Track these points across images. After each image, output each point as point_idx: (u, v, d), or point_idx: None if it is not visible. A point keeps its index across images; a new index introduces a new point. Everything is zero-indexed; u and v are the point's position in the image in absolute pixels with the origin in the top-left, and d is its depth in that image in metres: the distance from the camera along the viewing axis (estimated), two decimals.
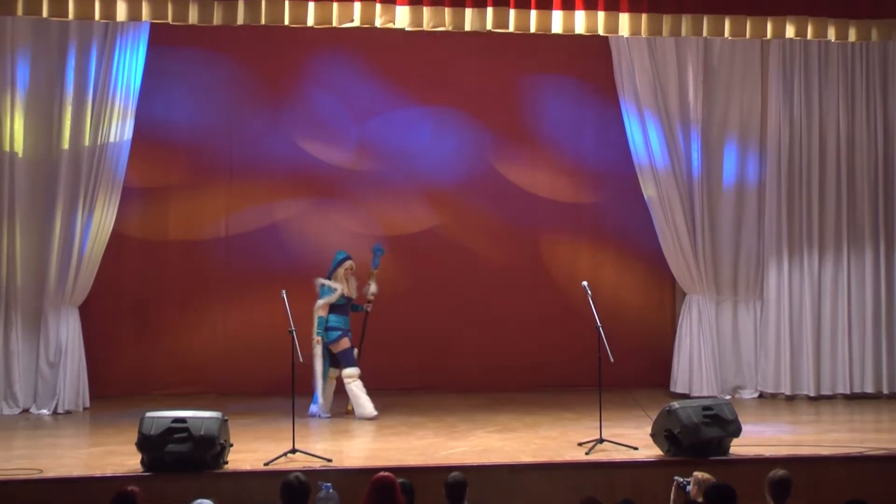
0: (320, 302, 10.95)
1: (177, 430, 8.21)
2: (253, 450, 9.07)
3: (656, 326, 13.32)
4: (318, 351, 10.85)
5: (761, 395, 12.50)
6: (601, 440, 9.18)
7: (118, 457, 8.85)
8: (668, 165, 12.32)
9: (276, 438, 9.46)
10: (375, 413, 10.78)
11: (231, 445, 8.62)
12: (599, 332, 9.40)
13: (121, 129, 11.46)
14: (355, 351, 11.07)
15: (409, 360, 12.73)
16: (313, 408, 10.90)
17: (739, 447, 8.98)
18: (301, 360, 8.93)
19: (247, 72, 12.71)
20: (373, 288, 11.28)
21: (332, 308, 10.95)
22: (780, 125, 12.40)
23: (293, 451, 8.77)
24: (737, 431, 8.90)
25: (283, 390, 9.89)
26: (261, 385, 12.23)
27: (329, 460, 8.61)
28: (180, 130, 12.55)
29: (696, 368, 12.32)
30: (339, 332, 10.94)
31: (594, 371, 9.55)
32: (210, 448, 8.25)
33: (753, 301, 12.65)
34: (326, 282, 11.02)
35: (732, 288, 12.67)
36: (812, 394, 12.29)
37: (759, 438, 9.61)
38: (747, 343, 12.63)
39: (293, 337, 9.04)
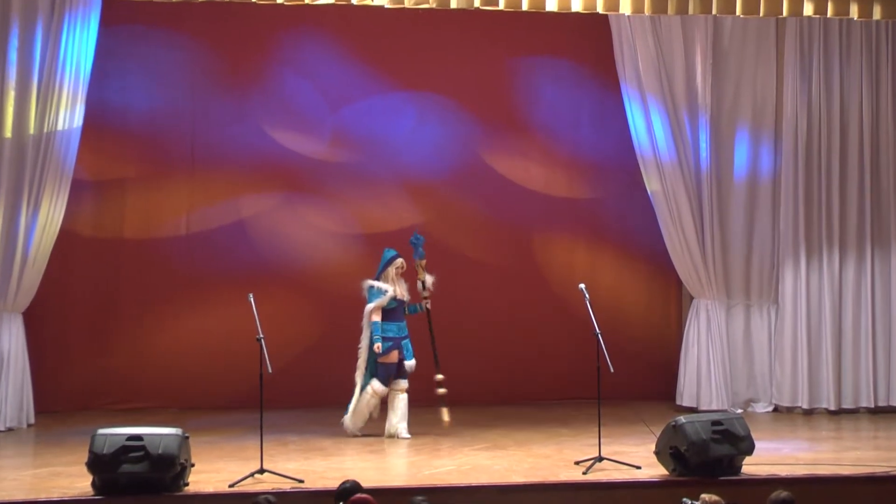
0: (370, 306, 10.78)
1: (132, 448, 8.15)
2: (216, 470, 9.02)
3: (661, 333, 13.34)
4: (361, 362, 10.78)
5: (776, 409, 12.51)
6: (600, 458, 9.16)
7: (66, 479, 8.78)
8: (673, 157, 12.32)
9: (242, 457, 9.42)
10: (409, 435, 10.70)
11: (192, 465, 8.56)
12: (598, 339, 9.38)
13: (70, 115, 11.39)
14: (412, 363, 10.80)
15: None
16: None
17: (752, 466, 8.97)
18: (270, 370, 8.88)
19: (210, 53, 12.69)
20: (428, 279, 10.99)
21: (383, 313, 10.76)
22: (796, 112, 12.41)
23: (261, 471, 8.73)
24: (749, 449, 8.89)
25: (251, 404, 9.85)
26: (226, 399, 12.22)
27: (300, 481, 8.58)
28: (136, 117, 12.52)
29: (704, 380, 12.32)
30: (390, 343, 10.75)
31: (592, 382, 9.53)
32: (169, 468, 8.19)
33: (768, 306, 12.66)
34: (376, 283, 10.84)
35: (744, 291, 12.67)
36: (832, 407, 12.30)
37: (774, 457, 9.60)
38: (761, 352, 12.63)
39: (262, 345, 8.99)
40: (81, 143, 11.58)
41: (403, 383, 10.81)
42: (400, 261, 10.89)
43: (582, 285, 9.89)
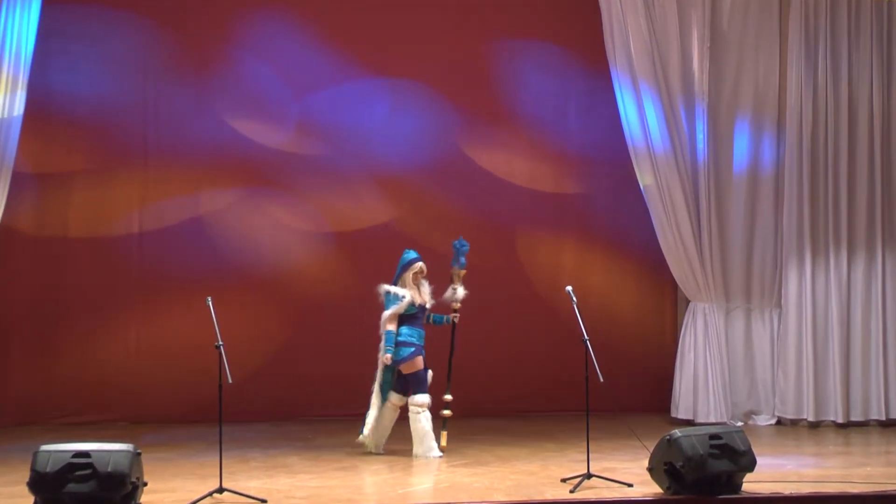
0: (387, 314, 10.62)
1: (78, 466, 8.08)
2: (171, 489, 8.96)
3: (654, 340, 13.38)
4: (379, 372, 10.69)
5: (779, 422, 12.55)
6: (589, 476, 9.15)
7: (6, 500, 8.72)
8: (668, 148, 12.33)
9: (200, 475, 9.38)
10: (440, 453, 10.66)
11: (145, 484, 8.50)
12: (587, 346, 9.36)
13: (9, 102, 11.28)
14: (430, 374, 10.64)
15: (355, 382, 12.66)
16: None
17: (753, 483, 8.96)
18: (230, 380, 8.83)
19: (165, 34, 12.66)
20: (459, 292, 10.87)
21: (402, 319, 10.63)
22: (801, 100, 12.44)
23: (220, 490, 8.68)
24: (750, 465, 8.89)
25: (209, 417, 9.78)
26: (182, 412, 12.20)
27: (263, 501, 8.54)
28: (84, 104, 12.48)
29: (701, 390, 12.33)
30: (413, 349, 10.58)
31: (580, 393, 9.50)
32: (119, 488, 8.13)
33: (770, 310, 12.69)
34: (392, 288, 10.68)
35: (745, 294, 12.70)
36: (840, 420, 12.34)
37: (778, 473, 9.61)
38: (763, 360, 12.66)
39: (221, 353, 8.94)
40: (23, 131, 11.47)
41: (423, 398, 10.59)
42: (419, 265, 10.71)
43: (569, 288, 9.87)
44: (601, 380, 9.30)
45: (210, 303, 9.23)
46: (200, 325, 9.97)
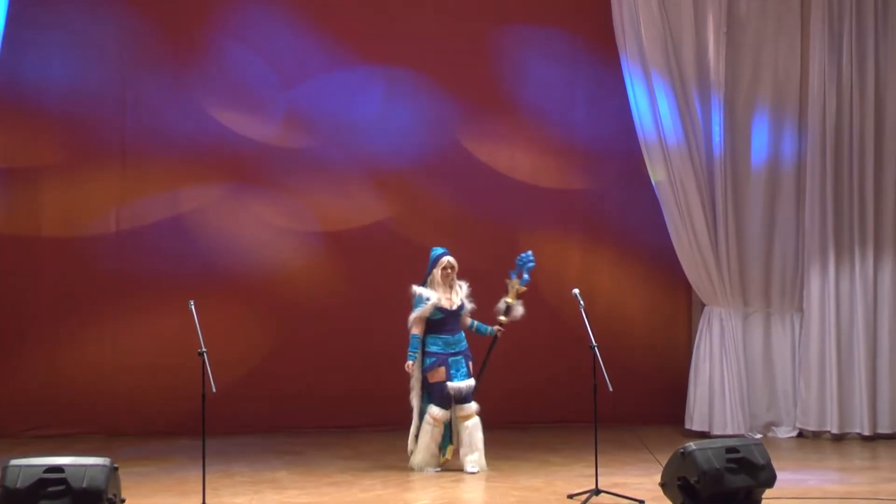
0: (412, 316, 10.56)
1: (51, 481, 8.07)
2: None
3: (667, 346, 13.39)
4: (415, 381, 10.58)
5: (801, 434, 12.56)
6: (597, 491, 9.16)
7: None
8: (681, 142, 12.34)
9: (181, 491, 9.38)
10: (438, 468, 10.59)
11: (122, 501, 8.50)
12: (595, 353, 9.37)
13: None
14: (457, 384, 10.45)
15: (348, 390, 12.70)
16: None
17: (773, 500, 8.97)
18: (214, 389, 8.82)
19: (144, 21, 12.66)
20: (517, 310, 10.81)
21: (429, 325, 10.55)
22: (824, 90, 12.45)
23: None
24: (770, 480, 8.88)
25: (191, 430, 9.80)
26: (162, 423, 12.21)
27: None
28: (56, 95, 12.47)
29: (717, 400, 12.35)
30: (434, 360, 10.51)
31: (588, 403, 9.50)
32: None
33: (791, 314, 12.71)
34: (420, 289, 10.61)
35: (764, 298, 12.72)
36: (866, 432, 12.36)
37: (799, 489, 9.62)
38: (783, 368, 12.68)
39: (204, 361, 8.93)
40: None
41: (467, 408, 10.55)
42: (446, 260, 10.62)
43: (576, 291, 9.89)
44: (610, 389, 9.30)
45: (192, 307, 9.22)
46: (182, 330, 9.98)
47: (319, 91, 12.97)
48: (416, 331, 10.49)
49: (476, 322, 10.79)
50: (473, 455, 10.48)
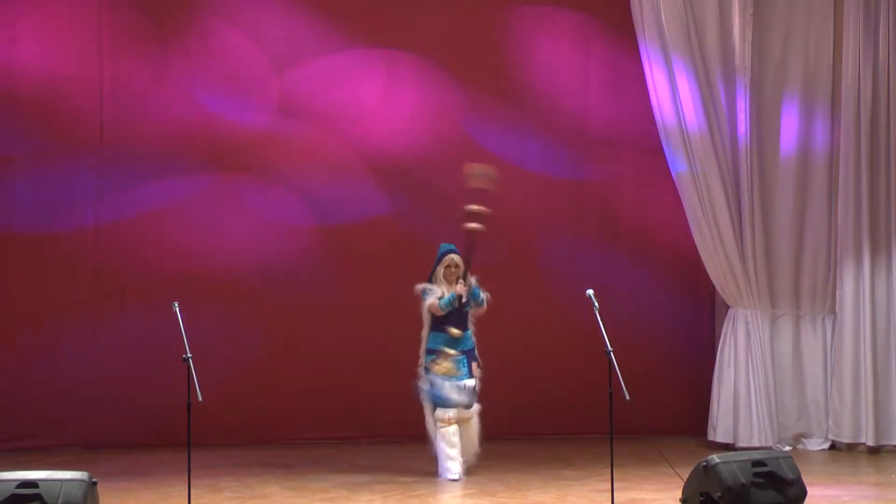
0: (426, 303, 10.76)
1: (24, 497, 8.10)
2: None
3: (689, 351, 13.41)
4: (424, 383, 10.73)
5: (834, 446, 12.58)
6: None
7: None
8: (704, 130, 12.35)
9: None
10: (456, 477, 10.66)
11: None
12: (610, 358, 9.37)
13: None
14: (465, 383, 10.65)
15: (343, 400, 12.71)
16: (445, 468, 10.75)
17: None
18: (200, 398, 8.84)
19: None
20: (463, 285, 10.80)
21: (434, 321, 10.73)
22: (859, 75, 12.48)
23: None
24: (800, 496, 8.91)
25: (176, 440, 9.83)
26: (144, 434, 12.25)
27: None
28: (28, 79, 12.48)
29: (743, 409, 12.37)
30: (432, 357, 10.70)
31: (603, 413, 9.51)
32: None
33: (822, 317, 12.73)
34: (425, 286, 10.81)
35: (793, 299, 12.74)
36: None
37: None
38: (814, 375, 12.69)
39: (189, 367, 8.95)
40: None
41: (441, 413, 10.67)
42: (450, 258, 10.83)
43: (590, 291, 9.88)
44: (627, 397, 9.30)
45: (177, 308, 9.25)
46: (165, 334, 10.00)
47: (316, 75, 12.99)
48: (425, 328, 10.69)
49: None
50: (449, 461, 10.61)
